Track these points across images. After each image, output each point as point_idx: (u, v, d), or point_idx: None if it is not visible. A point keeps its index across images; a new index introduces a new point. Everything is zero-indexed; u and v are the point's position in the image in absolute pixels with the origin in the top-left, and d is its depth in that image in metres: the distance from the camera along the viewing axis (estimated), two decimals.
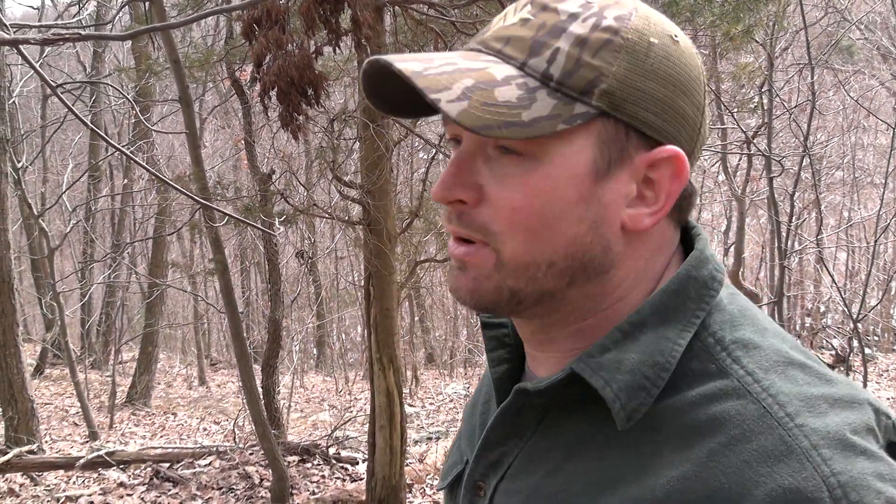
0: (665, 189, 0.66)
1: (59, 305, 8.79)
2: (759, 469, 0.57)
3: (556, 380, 0.66)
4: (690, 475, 0.59)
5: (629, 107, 0.63)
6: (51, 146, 13.47)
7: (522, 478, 0.71)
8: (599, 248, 0.66)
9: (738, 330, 0.66)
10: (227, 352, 16.64)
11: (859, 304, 6.49)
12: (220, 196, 6.79)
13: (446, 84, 0.61)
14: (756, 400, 0.60)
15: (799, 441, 0.57)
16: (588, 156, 0.64)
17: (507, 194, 0.65)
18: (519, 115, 0.61)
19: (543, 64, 0.63)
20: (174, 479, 5.97)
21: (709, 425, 0.60)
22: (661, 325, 0.66)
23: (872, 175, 14.00)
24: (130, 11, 10.03)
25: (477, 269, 0.67)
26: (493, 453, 0.74)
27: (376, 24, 4.77)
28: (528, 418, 0.72)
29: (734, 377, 0.62)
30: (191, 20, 1.24)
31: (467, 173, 0.66)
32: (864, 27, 10.62)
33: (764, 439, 0.58)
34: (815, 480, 0.55)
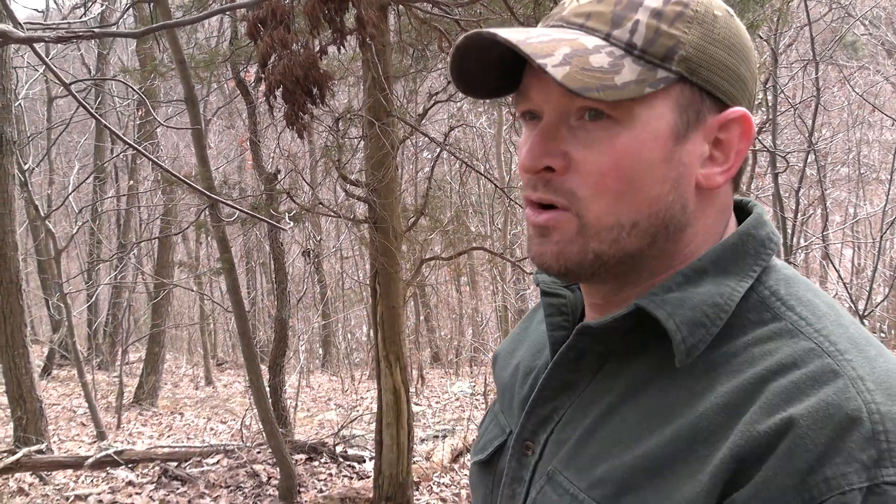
0: (734, 148, 0.71)
1: (66, 306, 8.82)
2: (806, 389, 0.61)
3: (620, 315, 0.70)
4: (740, 396, 0.63)
5: (704, 72, 0.68)
6: (56, 148, 13.52)
7: (573, 425, 0.74)
8: (679, 207, 0.70)
9: (793, 287, 0.71)
10: (234, 352, 16.67)
11: (865, 301, 6.47)
12: (226, 196, 6.81)
13: (549, 51, 0.66)
14: (808, 338, 0.65)
15: (846, 370, 0.61)
16: (669, 119, 0.68)
17: (594, 158, 0.69)
18: (612, 79, 0.66)
19: (626, 34, 0.68)
20: (182, 477, 5.99)
21: (762, 357, 0.65)
22: (721, 273, 0.70)
23: (878, 171, 13.96)
24: (135, 13, 10.06)
25: (561, 232, 0.71)
26: (545, 409, 0.77)
27: (381, 23, 4.79)
28: (585, 368, 0.75)
29: (788, 321, 0.67)
30: (201, 18, 1.26)
31: (553, 142, 0.70)
32: (868, 23, 10.59)
33: (813, 366, 0.62)
34: (857, 402, 0.59)
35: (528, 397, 0.81)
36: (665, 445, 0.64)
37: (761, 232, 0.73)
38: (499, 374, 0.95)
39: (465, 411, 9.21)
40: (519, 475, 0.78)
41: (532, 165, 0.70)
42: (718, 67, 0.69)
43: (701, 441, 0.63)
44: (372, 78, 4.82)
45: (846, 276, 13.47)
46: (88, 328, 13.18)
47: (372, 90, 4.90)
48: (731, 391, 0.63)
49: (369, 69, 4.81)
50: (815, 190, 10.73)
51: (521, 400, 0.84)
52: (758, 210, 0.76)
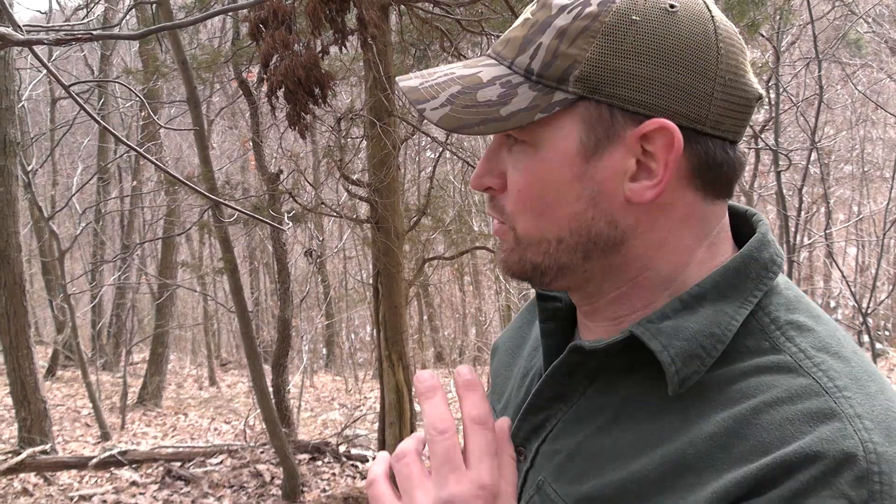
0: (661, 160, 0.67)
1: (70, 307, 8.84)
2: (802, 427, 0.59)
3: (614, 341, 0.69)
4: (732, 428, 0.62)
5: (607, 88, 0.66)
6: (60, 149, 13.55)
7: (565, 438, 0.74)
8: (603, 223, 0.69)
9: (794, 313, 0.69)
10: (237, 352, 16.70)
11: (868, 299, 6.45)
12: (229, 196, 6.82)
13: (433, 94, 0.70)
14: (806, 374, 0.62)
15: (845, 408, 0.59)
16: (574, 138, 0.68)
17: (515, 178, 0.72)
18: (497, 112, 0.68)
19: (527, 60, 0.69)
20: (186, 477, 6.00)
21: (758, 389, 0.63)
22: (721, 300, 0.68)
23: (882, 168, 13.92)
24: (137, 14, 10.08)
25: (505, 244, 0.75)
26: (538, 417, 0.77)
27: (382, 23, 4.79)
28: (578, 381, 0.74)
29: (787, 353, 0.65)
30: (201, 19, 1.26)
31: (494, 163, 0.74)
32: (871, 20, 10.56)
33: (810, 403, 0.60)
34: (854, 440, 0.57)
35: (523, 402, 0.81)
36: (653, 469, 0.64)
37: (764, 254, 0.71)
38: (497, 368, 0.96)
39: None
40: None
41: (474, 185, 0.76)
42: (627, 80, 0.65)
43: (688, 469, 0.62)
44: (373, 78, 4.83)
45: (850, 275, 13.44)
46: (92, 329, 13.20)
47: (373, 90, 4.91)
48: (723, 421, 0.62)
49: (371, 69, 4.82)
50: (818, 188, 10.72)
51: (517, 403, 0.84)
52: (761, 229, 0.73)
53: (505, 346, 0.97)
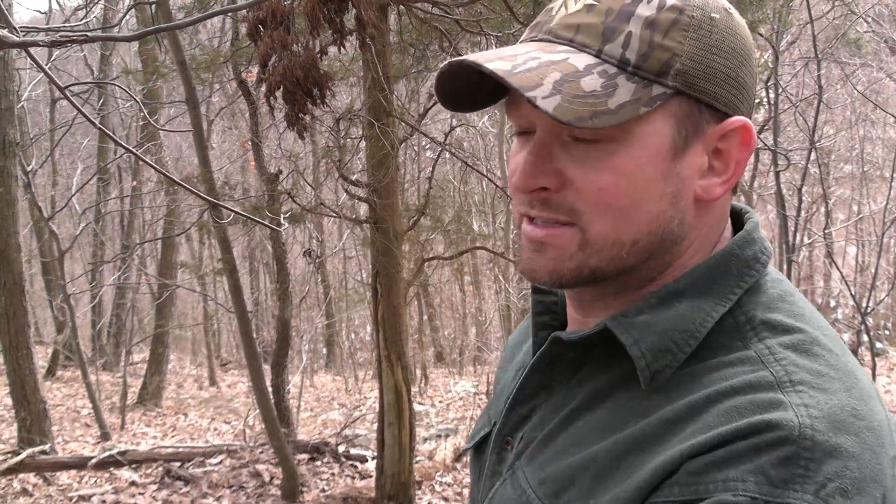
0: (734, 158, 0.69)
1: (70, 308, 8.85)
2: (746, 413, 0.59)
3: (587, 333, 0.70)
4: (685, 413, 0.62)
5: (701, 83, 0.66)
6: (60, 149, 13.54)
7: (543, 425, 0.75)
8: (677, 221, 0.69)
9: (772, 312, 0.68)
10: (238, 352, 16.69)
11: (868, 298, 6.46)
12: (228, 196, 6.83)
13: (538, 80, 0.63)
14: (766, 367, 0.63)
15: (793, 399, 0.60)
16: (667, 134, 0.66)
17: (592, 176, 0.67)
18: (605, 104, 0.63)
19: (619, 49, 0.65)
20: (185, 477, 6.01)
21: (716, 379, 0.63)
22: (698, 296, 0.69)
23: (882, 168, 13.91)
24: (137, 15, 10.08)
25: (558, 249, 0.69)
26: (524, 408, 0.78)
27: (381, 24, 4.79)
28: (561, 371, 0.75)
29: (754, 350, 0.65)
30: (195, 20, 1.26)
31: (546, 161, 0.68)
32: (871, 20, 10.55)
33: (762, 394, 0.60)
34: (792, 423, 0.57)
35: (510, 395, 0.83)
36: (608, 449, 0.65)
37: (747, 252, 0.70)
38: (500, 365, 0.97)
39: (469, 410, 9.22)
40: (498, 469, 0.79)
41: (525, 185, 0.68)
42: (717, 76, 0.66)
43: (636, 448, 0.63)
44: (372, 78, 4.83)
45: (850, 274, 13.43)
46: (92, 329, 13.20)
47: (372, 90, 4.91)
48: (679, 408, 0.63)
49: (369, 69, 4.82)
50: (817, 188, 10.71)
51: (507, 394, 0.85)
52: (748, 226, 0.73)
53: (510, 345, 0.97)
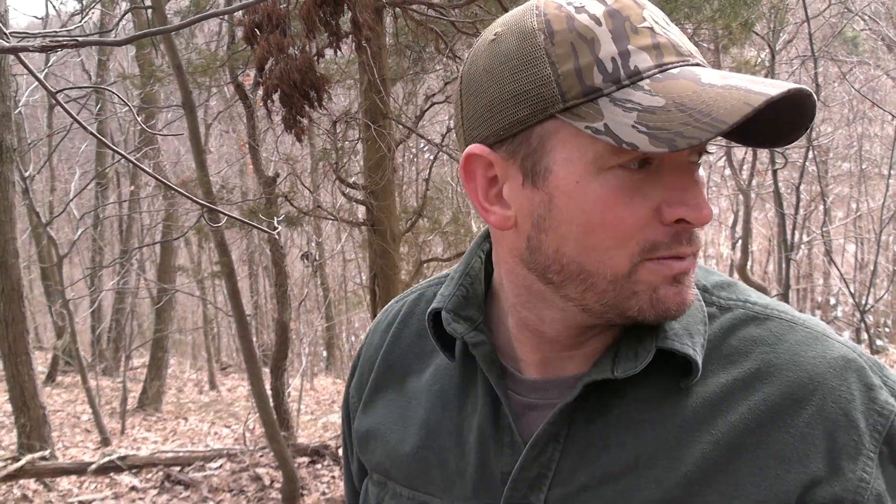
0: None
1: (69, 313, 8.84)
2: (808, 350, 0.69)
3: (647, 362, 0.69)
4: (759, 386, 0.68)
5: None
6: (58, 155, 13.54)
7: (583, 471, 0.70)
8: None
9: (708, 277, 0.77)
10: (238, 356, 16.68)
11: (867, 295, 6.46)
12: (226, 200, 6.82)
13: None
14: (766, 316, 0.73)
15: (814, 329, 0.72)
16: None
17: (703, 200, 0.67)
18: None
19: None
20: (185, 482, 6.00)
21: (745, 346, 0.71)
22: None
23: (879, 166, 13.92)
24: (134, 20, 10.08)
25: (691, 276, 0.70)
26: (532, 469, 0.71)
27: (376, 26, 4.79)
28: (564, 413, 0.71)
29: (737, 308, 0.74)
30: (186, 24, 1.26)
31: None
32: (868, 17, 10.55)
33: (793, 335, 0.71)
34: (844, 349, 0.70)
35: (480, 464, 0.75)
36: (708, 454, 0.67)
37: None
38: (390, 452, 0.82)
39: None
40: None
41: (710, 216, 0.66)
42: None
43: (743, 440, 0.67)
44: (368, 81, 4.83)
45: (850, 272, 13.44)
46: (92, 334, 13.19)
47: (368, 93, 4.91)
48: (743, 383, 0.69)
49: (365, 72, 4.82)
50: (815, 186, 10.72)
51: (472, 469, 0.75)
52: None
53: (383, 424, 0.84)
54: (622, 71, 0.63)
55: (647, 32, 0.64)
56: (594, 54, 0.63)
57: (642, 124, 0.60)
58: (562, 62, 0.64)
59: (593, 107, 0.63)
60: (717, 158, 12.48)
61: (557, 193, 0.66)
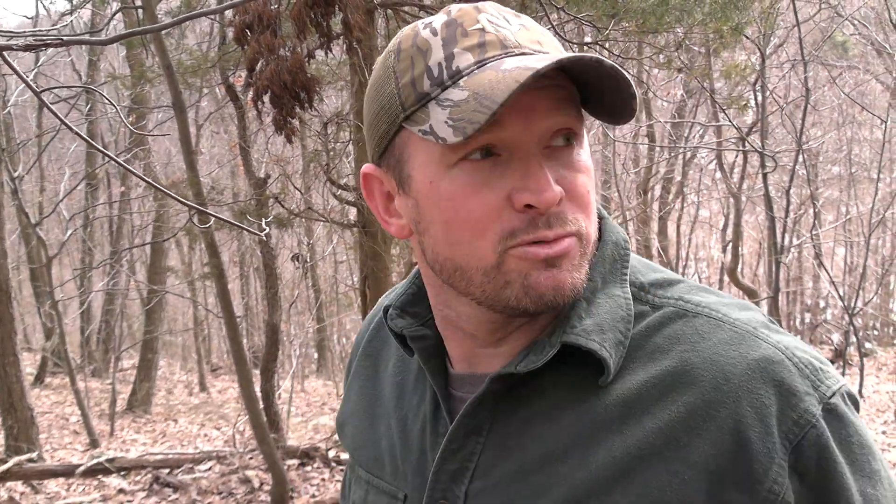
0: None
1: (58, 314, 8.79)
2: (729, 352, 0.67)
3: (549, 357, 0.69)
4: (675, 384, 0.67)
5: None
6: (47, 155, 13.47)
7: (502, 465, 0.71)
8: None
9: (649, 275, 0.76)
10: (228, 357, 16.61)
11: (856, 299, 6.49)
12: (216, 201, 6.80)
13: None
14: (694, 314, 0.71)
15: (742, 327, 0.69)
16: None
17: (581, 180, 0.69)
18: None
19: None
20: (174, 484, 5.97)
21: (667, 344, 0.69)
22: (606, 286, 0.73)
23: (869, 169, 14.00)
24: (124, 20, 10.04)
25: (570, 260, 0.68)
26: (454, 461, 0.74)
27: (368, 27, 4.79)
28: (485, 407, 0.73)
29: (668, 306, 0.72)
30: (174, 23, 1.25)
31: (551, 172, 0.67)
32: (857, 22, 10.61)
33: (719, 334, 0.69)
34: (770, 349, 0.67)
35: (420, 452, 0.78)
36: (619, 457, 0.66)
37: (615, 236, 0.76)
38: (356, 437, 0.88)
39: None
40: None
41: (556, 199, 0.65)
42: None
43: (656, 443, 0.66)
44: (360, 82, 4.82)
45: (839, 275, 13.50)
46: (81, 335, 13.12)
47: (360, 94, 4.90)
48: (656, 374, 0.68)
49: (357, 73, 4.81)
50: (805, 189, 10.77)
51: (414, 457, 0.79)
52: (601, 213, 0.77)
53: (355, 414, 0.90)
54: (445, 73, 0.66)
55: (477, 34, 0.67)
56: (425, 63, 0.67)
57: (451, 118, 0.64)
58: (402, 75, 0.69)
59: (424, 111, 0.66)
60: (707, 161, 12.52)
61: (420, 197, 0.70)
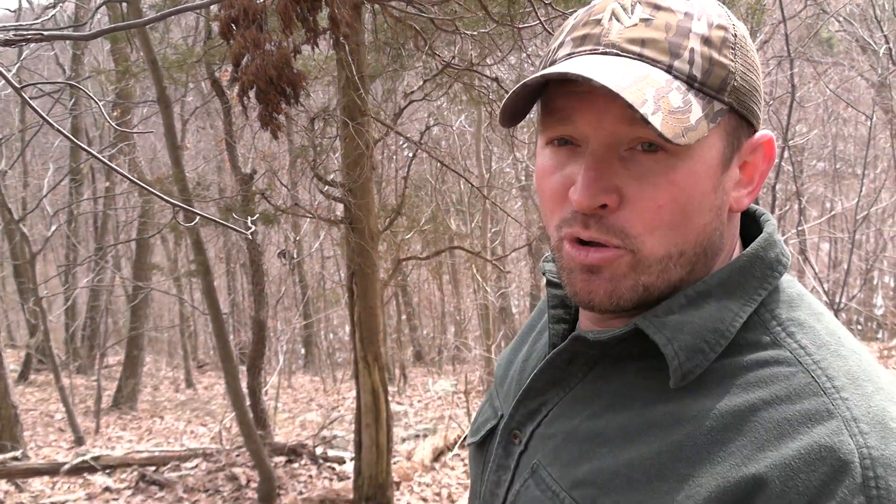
0: (759, 170, 0.72)
1: (42, 311, 8.72)
2: (798, 427, 0.60)
3: (618, 334, 0.69)
4: (731, 423, 0.62)
5: (746, 100, 0.68)
6: (31, 150, 13.34)
7: (560, 422, 0.74)
8: (718, 233, 0.71)
9: (795, 311, 0.69)
10: (214, 354, 16.56)
11: (840, 294, 6.53)
12: (202, 197, 6.76)
13: (643, 96, 0.62)
14: (806, 370, 0.63)
15: (841, 410, 0.60)
16: (719, 147, 0.68)
17: (652, 193, 0.66)
18: (688, 119, 0.64)
19: (686, 65, 0.65)
20: (160, 482, 5.94)
21: (756, 384, 0.64)
22: (725, 297, 0.69)
23: (853, 165, 14.10)
24: (109, 13, 9.94)
25: (612, 270, 0.68)
26: (533, 402, 0.78)
27: (355, 22, 4.76)
28: (577, 368, 0.75)
29: (787, 348, 0.66)
30: (159, 17, 1.23)
31: (606, 177, 0.66)
32: (842, 19, 10.67)
33: (808, 403, 0.61)
34: (850, 446, 0.58)
35: (521, 385, 0.82)
36: (649, 457, 0.65)
37: (770, 254, 0.71)
38: (505, 354, 0.96)
39: (447, 410, 9.21)
40: (505, 463, 0.79)
41: (590, 204, 0.66)
42: (754, 93, 0.69)
43: (683, 460, 0.63)
44: (346, 77, 4.80)
45: (824, 270, 13.60)
46: (66, 332, 13.03)
47: (346, 90, 4.88)
48: (722, 416, 0.63)
49: (343, 69, 4.79)
50: (791, 185, 10.83)
51: (516, 386, 0.84)
52: (768, 228, 0.74)
53: (517, 336, 0.97)
54: (547, 60, 0.71)
55: (591, 25, 0.68)
56: (551, 45, 0.72)
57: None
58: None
59: None
60: None
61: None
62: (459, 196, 12.93)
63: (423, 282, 15.66)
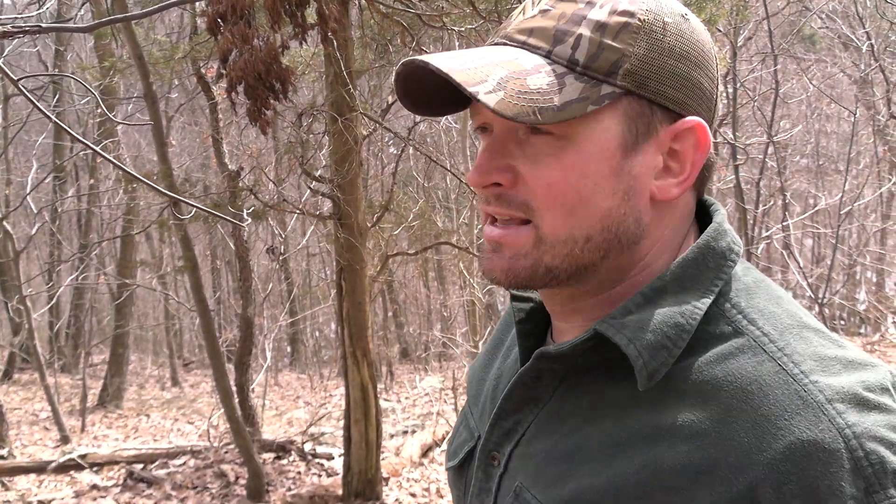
0: (689, 159, 0.70)
1: (26, 309, 8.65)
2: (776, 422, 0.60)
3: (578, 341, 0.69)
4: (710, 432, 0.62)
5: (652, 84, 0.67)
6: (14, 147, 13.22)
7: (538, 441, 0.73)
8: (632, 220, 0.70)
9: (754, 298, 0.69)
10: (200, 351, 16.49)
11: (824, 289, 6.60)
12: (188, 193, 6.72)
13: (482, 77, 0.65)
14: (771, 358, 0.63)
15: (814, 395, 0.60)
16: (616, 131, 0.68)
17: (542, 172, 0.68)
18: (551, 100, 0.65)
19: (568, 50, 0.67)
20: (148, 479, 5.92)
21: (726, 380, 0.63)
22: (682, 291, 0.69)
23: (836, 162, 14.22)
24: (92, 10, 9.87)
25: (514, 248, 0.70)
26: (508, 421, 0.77)
27: (342, 18, 4.76)
28: (547, 384, 0.74)
29: (750, 336, 0.66)
30: (151, 12, 1.23)
31: (500, 157, 0.70)
32: (825, 16, 10.77)
33: (780, 393, 0.61)
34: (831, 432, 0.58)
35: (493, 407, 0.81)
36: (633, 473, 0.64)
37: (721, 243, 0.71)
38: (474, 371, 0.94)
39: (435, 406, 9.22)
40: (486, 486, 0.78)
41: (479, 181, 0.70)
42: (668, 78, 0.68)
43: (665, 473, 0.62)
44: (334, 73, 4.80)
45: (807, 266, 13.72)
46: (50, 330, 12.93)
47: (334, 85, 4.88)
48: (697, 423, 0.62)
49: (331, 64, 4.79)
50: (775, 181, 10.91)
51: (490, 407, 0.83)
52: (717, 218, 0.73)
53: (484, 350, 0.96)
54: None
55: (518, 16, 0.72)
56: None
57: None
58: None
59: None
60: None
61: None
62: (446, 192, 12.95)
63: (409, 278, 15.65)
